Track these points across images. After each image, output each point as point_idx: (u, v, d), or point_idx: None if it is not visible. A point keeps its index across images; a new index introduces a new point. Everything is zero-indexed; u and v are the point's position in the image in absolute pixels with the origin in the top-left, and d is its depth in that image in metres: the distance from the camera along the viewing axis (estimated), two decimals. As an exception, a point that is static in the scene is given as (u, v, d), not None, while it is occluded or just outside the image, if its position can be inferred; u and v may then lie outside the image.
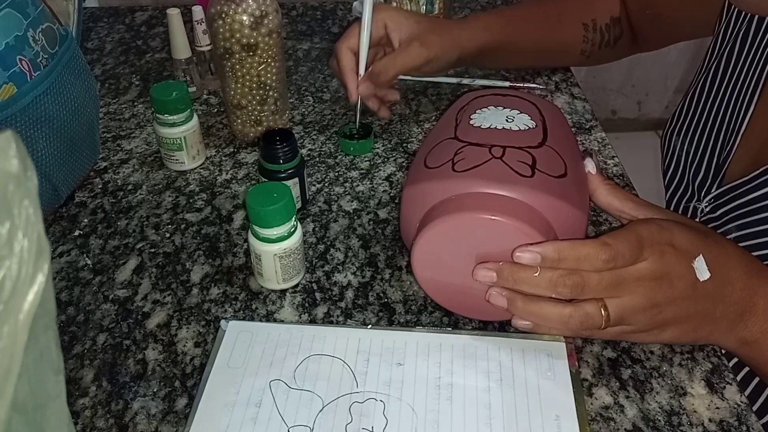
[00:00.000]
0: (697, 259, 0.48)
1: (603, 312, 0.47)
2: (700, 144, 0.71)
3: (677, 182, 0.75)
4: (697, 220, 0.69)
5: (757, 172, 0.60)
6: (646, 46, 0.88)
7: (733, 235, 0.62)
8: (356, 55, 0.75)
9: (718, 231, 0.64)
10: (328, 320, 0.57)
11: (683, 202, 0.73)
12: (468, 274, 0.51)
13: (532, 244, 0.47)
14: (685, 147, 0.73)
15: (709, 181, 0.68)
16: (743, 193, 0.62)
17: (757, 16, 0.65)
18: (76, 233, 0.67)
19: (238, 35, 0.69)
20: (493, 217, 0.48)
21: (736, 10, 0.68)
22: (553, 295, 0.47)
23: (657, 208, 0.53)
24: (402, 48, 0.74)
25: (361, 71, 0.75)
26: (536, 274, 0.47)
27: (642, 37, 0.86)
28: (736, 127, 0.65)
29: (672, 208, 0.75)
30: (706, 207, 0.67)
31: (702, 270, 0.48)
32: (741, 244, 0.60)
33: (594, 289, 0.47)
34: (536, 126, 0.56)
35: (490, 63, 0.87)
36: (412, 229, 0.54)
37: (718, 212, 0.65)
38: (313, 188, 0.72)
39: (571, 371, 0.51)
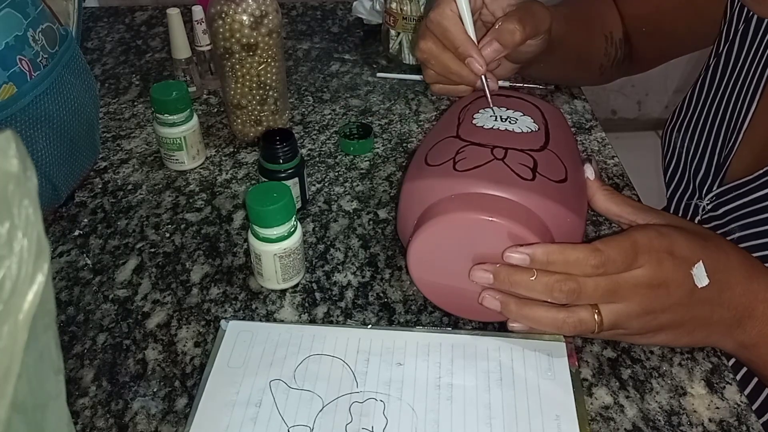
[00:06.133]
0: (696, 265, 0.48)
1: (597, 317, 0.47)
2: (701, 141, 0.71)
3: (678, 179, 0.75)
4: (699, 217, 0.69)
5: (761, 171, 0.60)
6: (639, 66, 0.85)
7: (736, 234, 0.62)
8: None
9: (721, 230, 0.64)
10: (328, 320, 0.57)
11: (684, 200, 0.73)
12: (465, 275, 0.50)
13: (522, 245, 0.47)
14: (686, 144, 0.73)
15: (710, 178, 0.68)
16: (747, 192, 0.62)
17: (756, 16, 0.65)
18: (76, 233, 0.67)
19: (238, 35, 0.69)
20: (491, 219, 0.48)
21: (738, 8, 0.68)
22: (549, 300, 0.47)
23: (656, 212, 0.53)
24: (524, 9, 0.60)
25: (471, 34, 0.59)
26: (533, 278, 0.47)
27: (637, 56, 0.83)
28: (738, 125, 0.65)
29: (673, 206, 0.75)
30: (707, 205, 0.67)
31: (701, 277, 0.48)
32: (744, 244, 0.60)
33: (590, 296, 0.47)
34: (538, 129, 0.56)
35: (545, 62, 0.69)
36: (410, 226, 0.54)
37: (720, 211, 0.65)
38: (313, 188, 0.72)
39: (571, 371, 0.51)
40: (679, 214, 0.73)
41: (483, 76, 0.59)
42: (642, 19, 0.79)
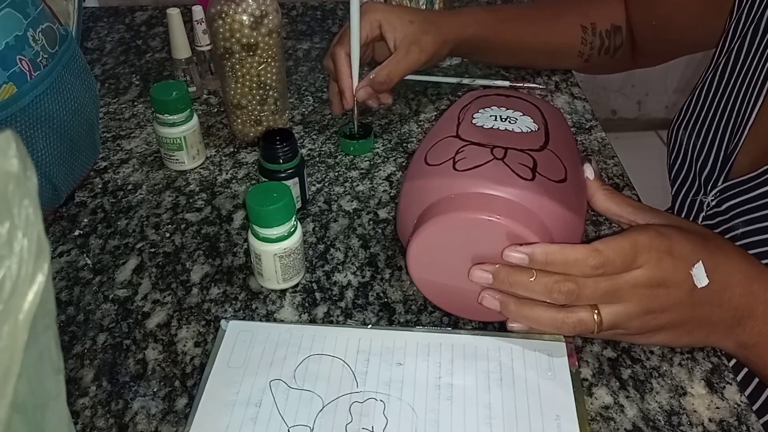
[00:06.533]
0: (696, 265, 0.48)
1: (596, 318, 0.47)
2: (707, 138, 0.71)
3: (683, 176, 0.75)
4: (703, 214, 0.69)
5: (766, 167, 0.60)
6: (644, 60, 0.88)
7: (740, 230, 0.62)
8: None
9: (725, 226, 0.64)
10: (328, 320, 0.57)
11: (690, 196, 0.73)
12: (464, 275, 0.50)
13: (521, 244, 0.47)
14: (692, 141, 0.73)
15: (716, 174, 0.68)
16: (751, 188, 0.62)
17: (766, 14, 0.65)
18: (76, 233, 0.67)
19: (238, 35, 0.69)
20: (490, 218, 0.48)
21: (747, 5, 0.68)
22: (548, 300, 0.47)
23: (656, 211, 0.53)
24: (401, 54, 0.75)
25: (355, 76, 0.75)
26: (532, 279, 0.47)
27: (642, 51, 0.85)
28: (744, 121, 0.65)
29: (678, 202, 0.75)
30: (712, 201, 0.67)
31: (701, 277, 0.48)
32: (748, 240, 0.60)
33: (589, 296, 0.47)
34: (538, 129, 0.56)
35: (481, 57, 0.89)
36: (409, 226, 0.54)
37: (725, 206, 0.65)
38: (313, 188, 0.72)
39: (571, 371, 0.51)
40: (683, 211, 0.74)
41: (354, 106, 0.76)
42: (652, 11, 0.81)
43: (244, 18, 0.68)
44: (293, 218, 0.56)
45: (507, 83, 0.88)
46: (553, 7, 0.87)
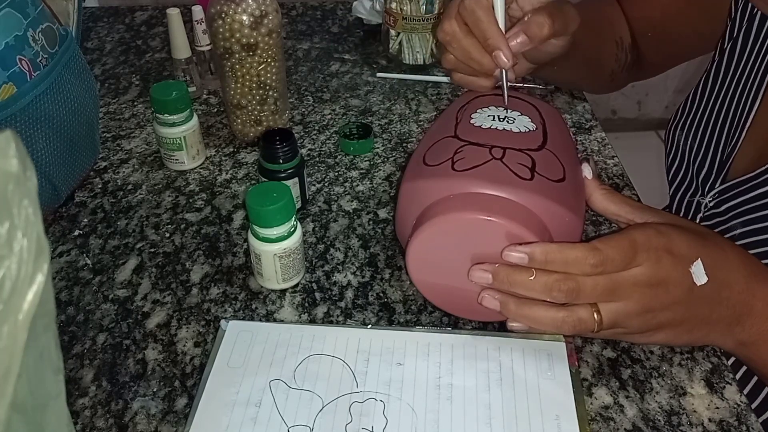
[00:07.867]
0: (695, 263, 0.48)
1: (596, 316, 0.47)
2: (704, 139, 0.71)
3: (681, 177, 0.75)
4: (701, 215, 0.69)
5: (763, 168, 0.60)
6: (642, 73, 0.85)
7: (738, 231, 0.62)
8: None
9: (723, 227, 0.64)
10: (328, 320, 0.57)
11: (687, 197, 0.73)
12: (464, 275, 0.50)
13: (521, 244, 0.47)
14: (689, 142, 0.73)
15: (713, 176, 0.68)
16: (748, 189, 0.62)
17: (760, 15, 0.65)
18: (76, 233, 0.67)
19: (238, 35, 0.69)
20: (489, 218, 0.48)
21: (742, 6, 0.68)
22: (548, 299, 0.47)
23: (654, 210, 0.53)
24: (554, 6, 0.58)
25: (501, 24, 0.58)
26: (532, 278, 0.47)
27: (645, 61, 0.82)
28: (741, 123, 0.66)
29: (676, 203, 0.75)
30: (710, 202, 0.68)
31: (699, 275, 0.48)
32: (745, 241, 0.60)
33: (589, 295, 0.47)
34: (536, 129, 0.56)
35: (559, 65, 0.67)
36: (408, 226, 0.54)
37: (722, 207, 0.65)
38: (313, 188, 0.72)
39: (571, 371, 0.51)
40: (681, 212, 0.74)
41: (504, 70, 0.58)
42: (647, 22, 0.79)
43: (244, 18, 0.69)
44: (293, 218, 0.57)
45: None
46: (596, 16, 0.76)
